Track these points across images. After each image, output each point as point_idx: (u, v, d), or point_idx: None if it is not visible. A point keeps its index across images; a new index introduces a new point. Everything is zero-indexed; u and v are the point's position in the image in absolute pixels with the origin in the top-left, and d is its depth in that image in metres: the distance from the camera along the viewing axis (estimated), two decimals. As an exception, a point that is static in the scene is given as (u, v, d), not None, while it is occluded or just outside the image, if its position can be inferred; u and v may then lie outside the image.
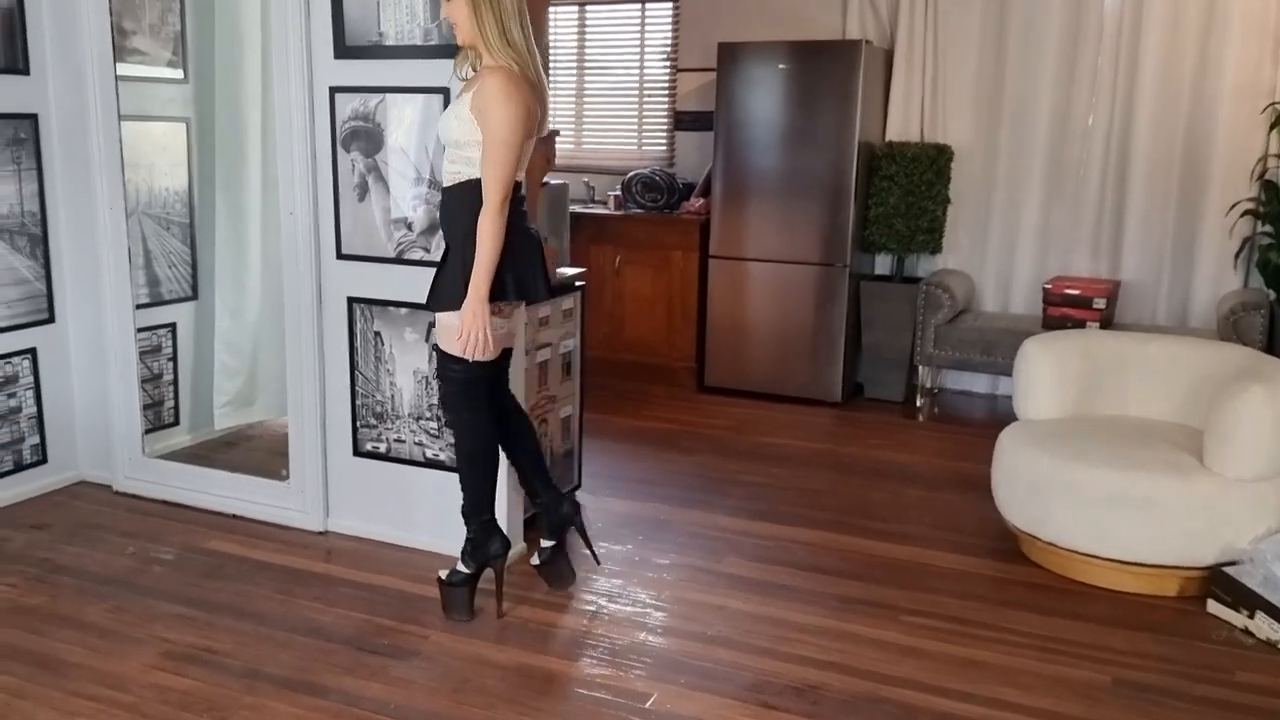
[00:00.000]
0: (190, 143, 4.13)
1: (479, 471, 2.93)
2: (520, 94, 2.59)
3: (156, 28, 3.96)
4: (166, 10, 3.98)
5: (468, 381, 2.82)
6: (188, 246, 4.18)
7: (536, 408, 3.58)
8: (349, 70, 3.18)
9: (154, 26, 3.94)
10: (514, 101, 2.57)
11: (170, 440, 4.19)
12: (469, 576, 2.97)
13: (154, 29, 3.95)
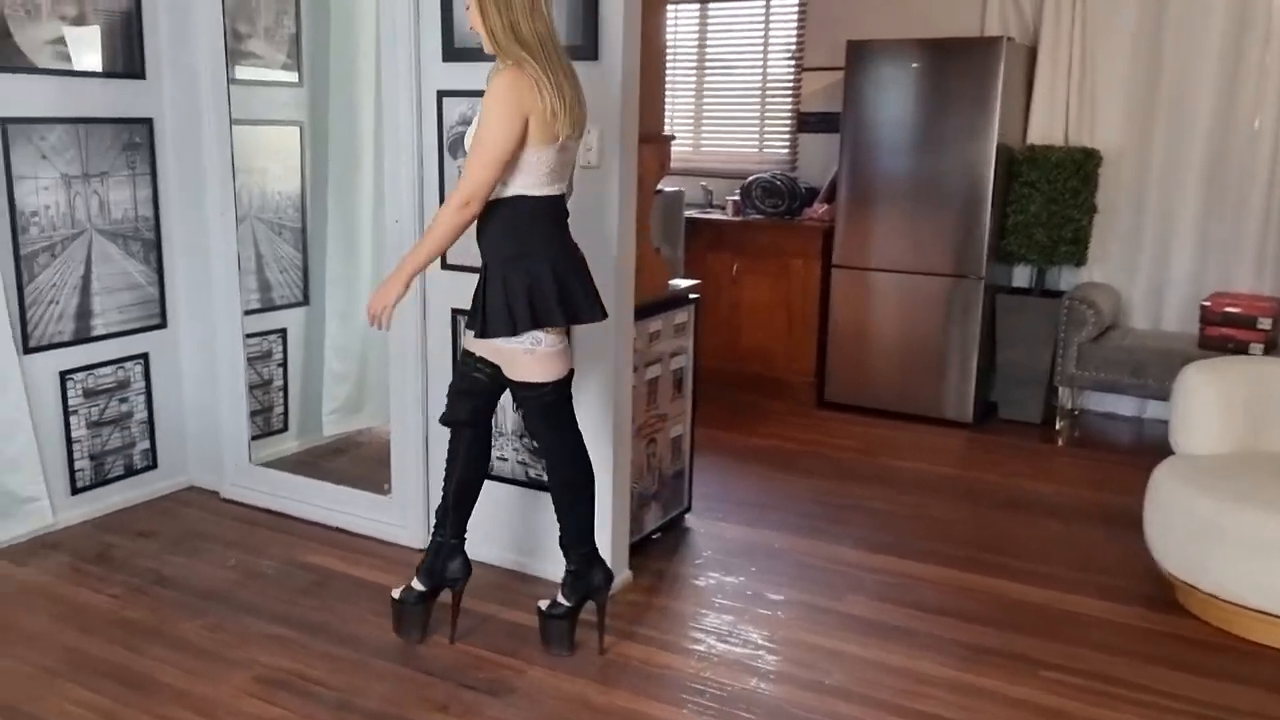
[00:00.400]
0: (303, 147, 4.09)
1: (575, 499, 2.74)
2: (520, 95, 2.38)
3: (271, 31, 3.92)
4: (282, 13, 3.94)
5: (545, 405, 2.65)
6: (299, 251, 4.14)
7: (645, 427, 3.40)
8: (457, 73, 3.05)
9: (269, 30, 3.91)
10: (510, 103, 2.38)
11: (279, 446, 4.16)
12: (569, 609, 2.80)
13: (269, 32, 3.91)
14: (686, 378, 3.64)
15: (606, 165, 2.90)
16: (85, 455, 3.51)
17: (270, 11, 3.90)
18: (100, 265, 3.45)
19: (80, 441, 3.48)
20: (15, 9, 3.12)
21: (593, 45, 2.83)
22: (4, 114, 3.14)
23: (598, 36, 2.83)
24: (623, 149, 2.89)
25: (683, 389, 3.63)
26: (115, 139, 3.44)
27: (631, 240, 3.02)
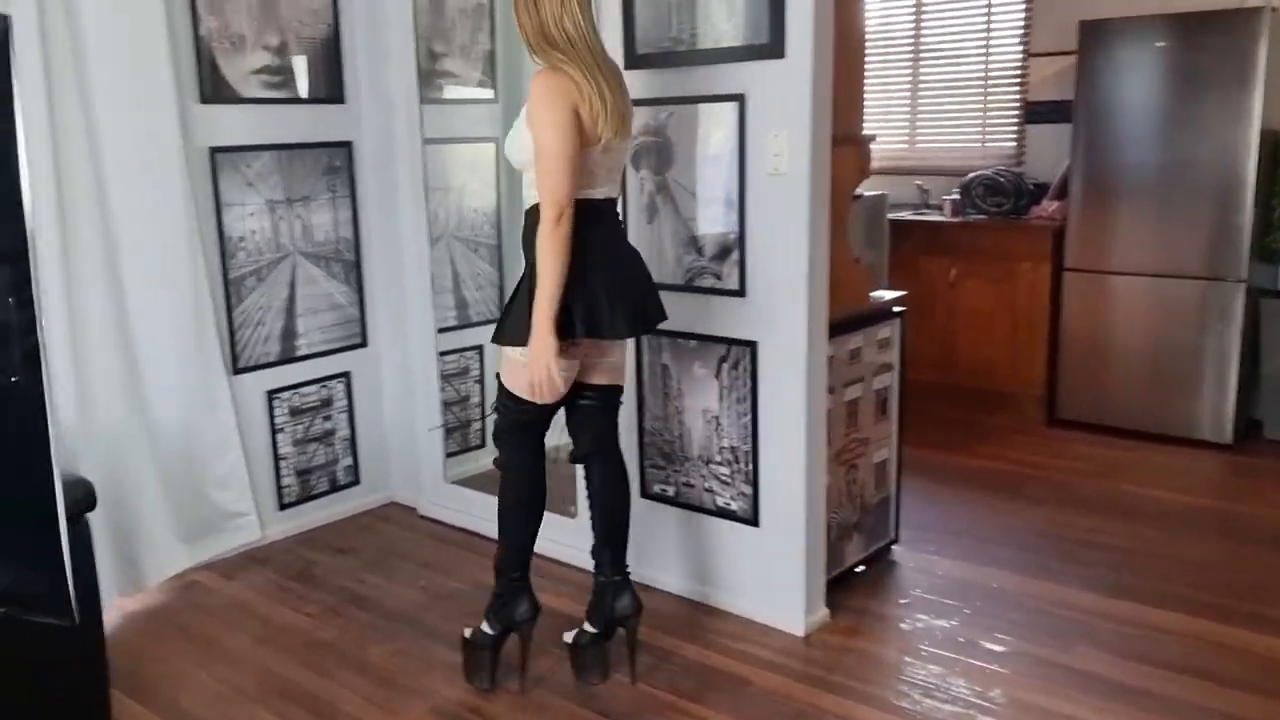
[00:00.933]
0: (499, 163, 4.07)
1: (518, 522, 2.63)
2: (564, 92, 2.29)
3: (467, 48, 3.93)
4: (477, 30, 3.95)
5: (520, 423, 2.55)
6: (495, 268, 4.14)
7: (845, 452, 3.13)
8: (639, 80, 2.90)
9: (464, 47, 3.92)
10: (556, 104, 2.29)
11: (478, 463, 4.16)
12: (493, 639, 2.64)
13: (464, 50, 3.92)
14: (892, 397, 3.34)
15: (794, 172, 2.66)
16: (291, 472, 3.62)
17: (465, 30, 3.91)
18: (304, 287, 3.54)
19: (287, 458, 3.59)
20: (222, 41, 3.25)
21: (779, 43, 2.61)
22: (213, 144, 3.27)
23: (784, 33, 2.60)
24: (813, 154, 2.65)
25: (888, 410, 3.33)
26: (316, 163, 3.53)
27: (824, 251, 2.77)
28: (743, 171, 2.75)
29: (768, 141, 2.69)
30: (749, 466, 2.92)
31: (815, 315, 2.77)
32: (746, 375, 2.87)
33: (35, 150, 2.78)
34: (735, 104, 2.72)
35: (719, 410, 2.95)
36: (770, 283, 2.77)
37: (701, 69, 2.77)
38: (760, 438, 2.88)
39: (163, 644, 2.91)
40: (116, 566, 3.08)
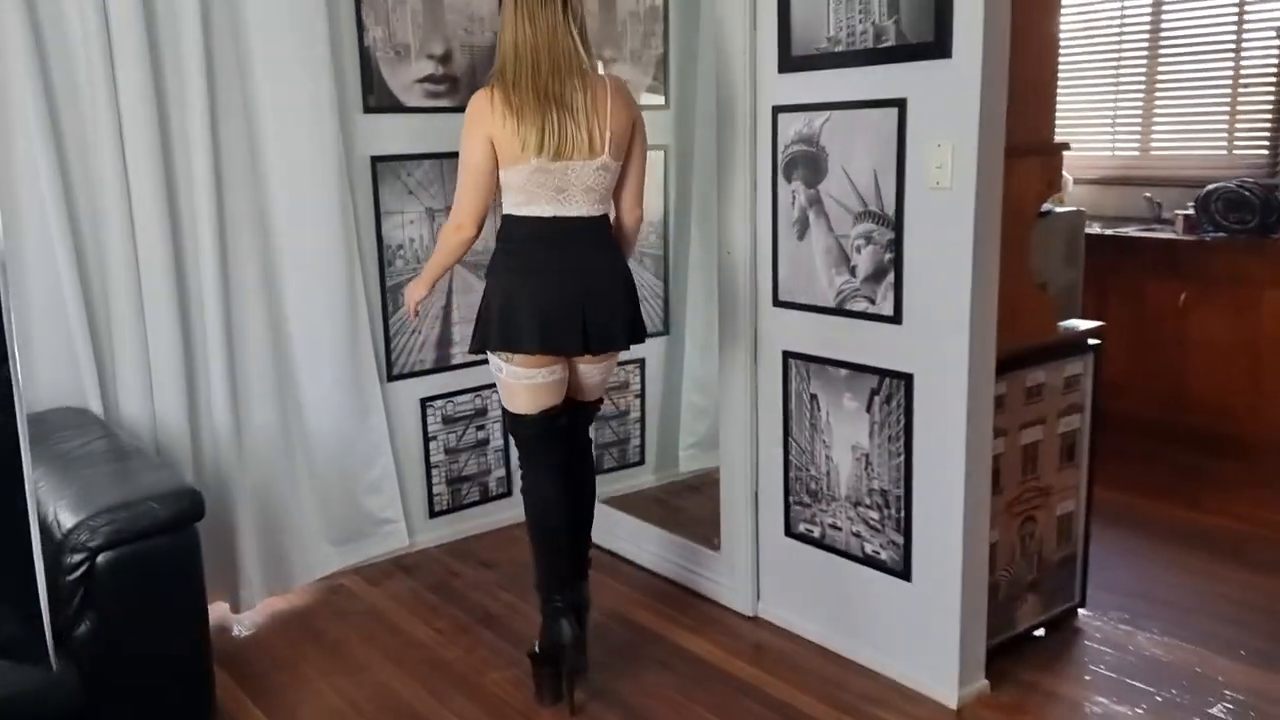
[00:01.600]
0: (667, 171, 3.92)
1: (541, 546, 2.63)
2: (475, 113, 2.39)
3: (638, 53, 3.80)
4: (649, 34, 3.81)
5: (517, 437, 2.66)
6: (660, 280, 3.99)
7: (1018, 502, 2.77)
8: (793, 85, 2.67)
9: (635, 52, 3.79)
10: (468, 123, 2.42)
11: (636, 480, 4.04)
12: (542, 657, 2.61)
13: (635, 55, 3.79)
14: (1081, 442, 2.93)
15: (959, 185, 2.35)
16: (443, 480, 3.61)
17: (637, 34, 3.78)
18: (460, 296, 3.52)
19: (438, 467, 3.59)
20: (386, 51, 3.27)
21: (944, 41, 2.31)
22: (374, 152, 3.30)
23: (950, 30, 2.30)
24: (982, 165, 2.33)
25: (1075, 456, 2.92)
26: (477, 172, 3.49)
27: (993, 274, 2.44)
28: (901, 184, 2.46)
29: (929, 151, 2.39)
30: (900, 513, 2.62)
31: (980, 347, 2.44)
32: (901, 411, 2.57)
33: (197, 160, 2.88)
34: (894, 110, 2.43)
35: (870, 448, 2.67)
36: (929, 309, 2.47)
37: (859, 71, 2.51)
38: (914, 481, 2.58)
39: (297, 648, 2.94)
40: (266, 566, 3.15)
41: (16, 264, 2.72)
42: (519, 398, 2.53)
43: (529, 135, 2.33)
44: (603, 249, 2.50)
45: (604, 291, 2.47)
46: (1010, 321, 2.57)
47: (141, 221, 2.82)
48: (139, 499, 2.15)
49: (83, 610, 2.08)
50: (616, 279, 2.51)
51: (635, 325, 2.54)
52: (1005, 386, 2.66)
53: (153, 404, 2.90)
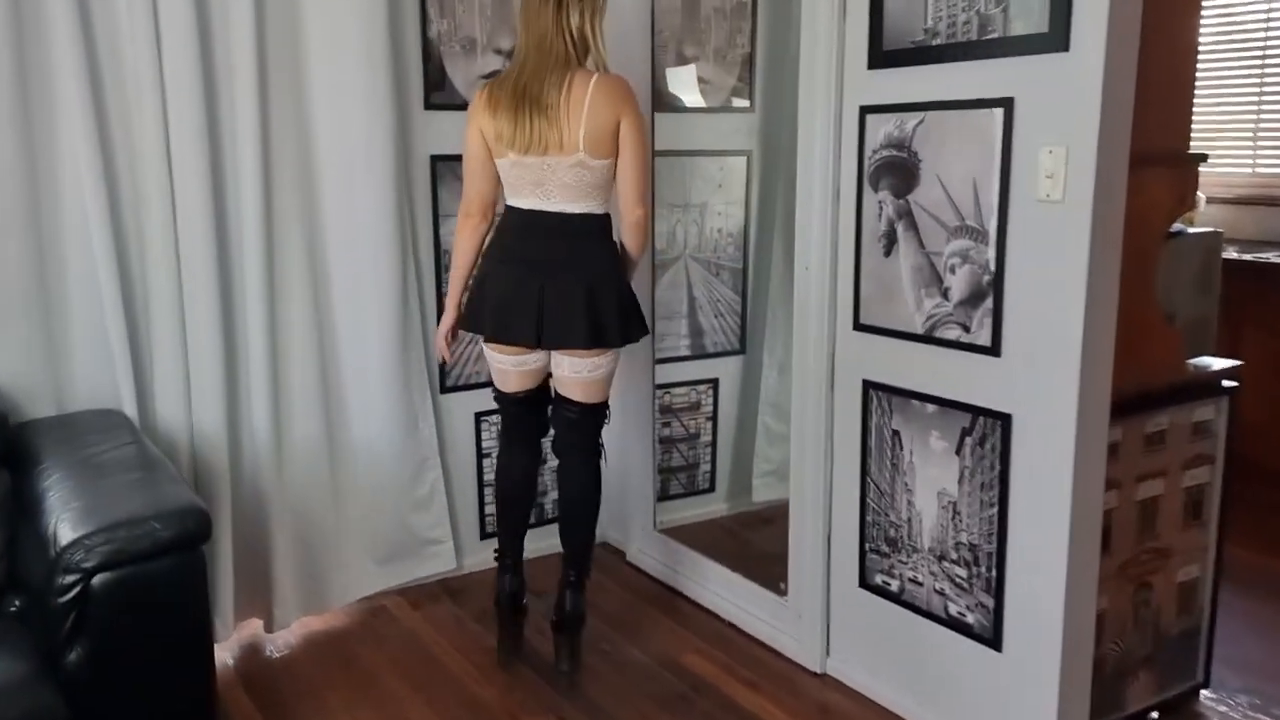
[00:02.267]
0: (750, 179, 3.65)
1: (500, 515, 2.86)
2: (471, 108, 2.59)
3: (722, 52, 3.54)
4: (735, 32, 3.55)
5: (504, 417, 2.79)
6: (738, 294, 3.72)
7: (1132, 565, 2.42)
8: (884, 83, 2.38)
9: (719, 51, 3.53)
10: (468, 117, 2.61)
11: (704, 508, 3.77)
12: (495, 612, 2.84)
13: (719, 54, 3.53)
14: (1210, 498, 2.56)
15: (1074, 199, 2.03)
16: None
17: (722, 31, 3.52)
18: (521, 306, 3.31)
19: (492, 486, 3.37)
20: (451, 44, 3.08)
21: (1061, 32, 1.99)
22: (435, 151, 3.11)
23: (1069, 19, 1.98)
24: (1101, 176, 2.00)
25: (1202, 514, 2.55)
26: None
27: (1110, 302, 2.10)
28: (1005, 196, 2.14)
29: (1039, 158, 2.07)
30: (992, 571, 2.29)
31: (1092, 385, 2.11)
32: (996, 456, 2.25)
33: (244, 151, 2.72)
34: (999, 110, 2.12)
35: (958, 495, 2.35)
36: (1033, 340, 2.15)
37: (959, 67, 2.20)
38: (1009, 536, 2.26)
39: (326, 674, 2.76)
40: (303, 584, 2.98)
41: (56, 259, 2.60)
42: (496, 375, 2.71)
43: (504, 130, 2.47)
44: (581, 244, 2.51)
45: (567, 286, 2.48)
46: (1130, 357, 2.23)
47: (184, 215, 2.67)
48: (142, 517, 1.97)
49: (74, 636, 1.91)
50: (588, 275, 2.49)
51: (602, 325, 2.50)
52: (1121, 432, 2.31)
53: (190, 410, 2.75)
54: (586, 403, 2.64)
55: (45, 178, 2.55)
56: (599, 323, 2.50)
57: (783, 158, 3.60)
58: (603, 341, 2.53)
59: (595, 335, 2.50)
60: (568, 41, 2.44)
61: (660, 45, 3.27)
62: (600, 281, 2.50)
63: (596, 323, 2.49)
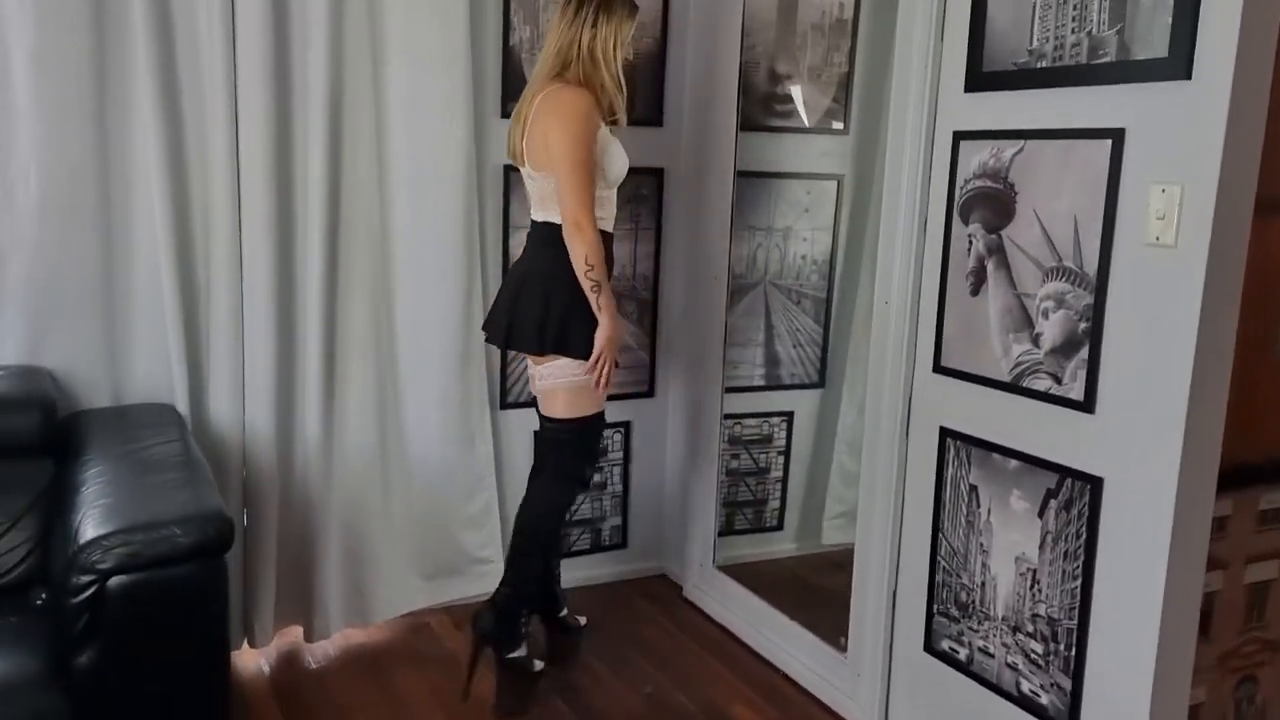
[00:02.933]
0: (840, 205, 3.47)
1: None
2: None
3: (817, 70, 3.38)
4: (832, 50, 3.38)
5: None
6: (820, 326, 3.54)
7: (1235, 655, 2.17)
8: (982, 107, 2.19)
9: (814, 69, 3.37)
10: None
11: (771, 546, 3.59)
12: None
13: (814, 72, 3.37)
14: (1329, 585, 2.28)
15: (1188, 244, 1.81)
16: (552, 523, 3.28)
17: (818, 49, 3.36)
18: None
19: (549, 507, 3.26)
20: (533, 53, 2.98)
21: (1182, 58, 1.78)
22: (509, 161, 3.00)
23: (1193, 44, 1.77)
24: (1219, 219, 1.78)
25: (1319, 602, 2.28)
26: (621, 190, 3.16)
27: (1225, 359, 1.88)
28: (1109, 236, 1.94)
29: (1150, 197, 1.86)
30: (1070, 650, 2.07)
31: (1197, 451, 1.88)
32: (1082, 521, 2.03)
33: (314, 152, 2.67)
34: (1108, 142, 1.92)
35: (1039, 563, 2.13)
36: (1132, 397, 1.93)
37: (1066, 92, 2.00)
38: (1093, 612, 2.03)
39: (358, 692, 2.67)
40: (346, 596, 2.91)
41: (123, 255, 2.59)
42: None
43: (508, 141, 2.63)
44: (535, 252, 2.57)
45: (527, 292, 2.53)
46: (1245, 424, 2.00)
47: (249, 219, 2.63)
48: (164, 521, 1.91)
49: (87, 638, 1.85)
50: (536, 281, 2.52)
51: (544, 332, 2.48)
52: (1231, 506, 2.08)
53: (243, 410, 2.71)
54: (557, 421, 2.58)
55: (117, 176, 2.55)
56: (544, 328, 2.49)
57: (876, 184, 3.42)
58: (548, 348, 2.50)
59: (541, 341, 2.50)
60: (570, 56, 2.48)
61: (751, 61, 3.13)
62: (546, 284, 2.49)
63: (541, 327, 2.49)
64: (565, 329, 2.48)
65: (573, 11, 2.48)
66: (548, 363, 2.53)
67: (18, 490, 2.22)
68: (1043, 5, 2.04)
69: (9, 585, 2.15)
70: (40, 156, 2.43)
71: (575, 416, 2.56)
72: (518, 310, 2.53)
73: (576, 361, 2.49)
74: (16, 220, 2.44)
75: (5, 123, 2.41)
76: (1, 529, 2.18)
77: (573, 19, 2.48)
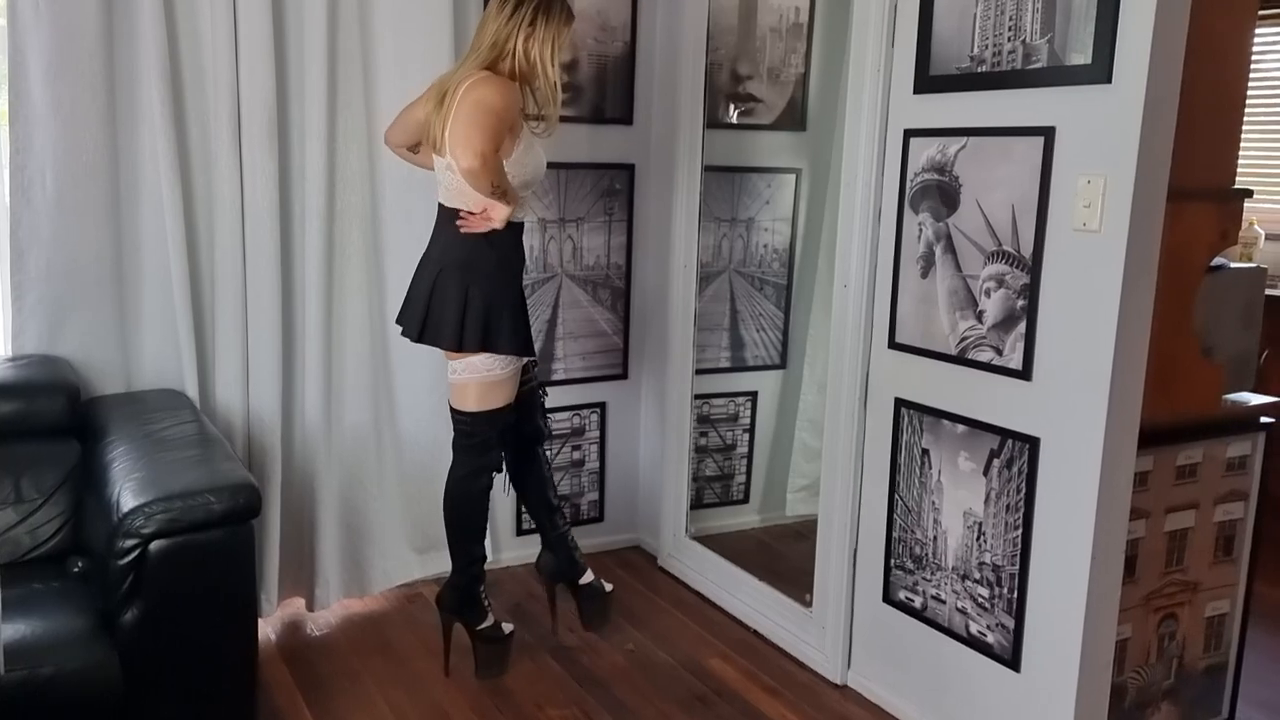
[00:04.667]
0: (798, 197, 3.71)
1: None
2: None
3: (776, 71, 3.61)
4: (790, 52, 3.61)
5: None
6: (781, 310, 3.77)
7: (1158, 595, 2.44)
8: (928, 107, 2.43)
9: (773, 70, 3.60)
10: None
11: (738, 519, 3.83)
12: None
13: (773, 73, 3.60)
14: (1242, 534, 2.57)
15: (1110, 229, 2.07)
16: (533, 498, 3.48)
17: (777, 52, 3.59)
18: (567, 310, 3.40)
19: (531, 484, 3.46)
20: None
21: (1104, 64, 2.04)
22: (492, 158, 3.21)
23: (1112, 52, 2.02)
24: (1138, 207, 2.04)
25: (1234, 550, 2.56)
26: (596, 185, 3.38)
27: (1143, 332, 2.14)
28: (1042, 223, 2.19)
29: (1078, 187, 2.11)
30: (1013, 593, 2.33)
31: (1121, 413, 2.14)
32: (1022, 478, 2.29)
33: (311, 153, 2.85)
34: (1040, 139, 2.17)
35: (984, 516, 2.39)
36: (1064, 366, 2.19)
37: (1003, 94, 2.25)
38: (1032, 558, 2.29)
39: (363, 656, 2.86)
40: (345, 567, 3.09)
41: (132, 249, 2.74)
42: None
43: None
44: (448, 240, 2.57)
45: (443, 284, 2.55)
46: (1163, 389, 2.26)
47: (252, 213, 2.80)
48: (198, 489, 2.09)
49: (131, 597, 2.03)
50: (452, 272, 2.54)
51: (463, 329, 2.52)
52: (1151, 462, 2.34)
53: (248, 393, 2.88)
54: (456, 407, 2.67)
55: (126, 173, 2.70)
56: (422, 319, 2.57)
57: (832, 177, 3.66)
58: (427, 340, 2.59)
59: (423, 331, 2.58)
60: (505, 50, 2.47)
61: (714, 63, 3.34)
62: (467, 281, 2.52)
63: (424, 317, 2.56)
64: (488, 326, 2.52)
65: (511, 7, 2.46)
66: (463, 358, 2.57)
67: (49, 468, 2.38)
68: (983, 16, 2.28)
69: (47, 554, 2.32)
70: (56, 157, 2.58)
71: (485, 410, 2.61)
72: (434, 304, 2.52)
73: (494, 357, 2.55)
74: (34, 217, 2.59)
75: (23, 127, 2.55)
76: (36, 504, 2.34)
77: (510, 15, 2.46)
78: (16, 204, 2.57)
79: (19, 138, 2.55)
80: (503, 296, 2.55)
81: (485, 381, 2.59)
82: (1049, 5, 2.13)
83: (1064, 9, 2.10)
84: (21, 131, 2.55)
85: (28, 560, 2.29)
